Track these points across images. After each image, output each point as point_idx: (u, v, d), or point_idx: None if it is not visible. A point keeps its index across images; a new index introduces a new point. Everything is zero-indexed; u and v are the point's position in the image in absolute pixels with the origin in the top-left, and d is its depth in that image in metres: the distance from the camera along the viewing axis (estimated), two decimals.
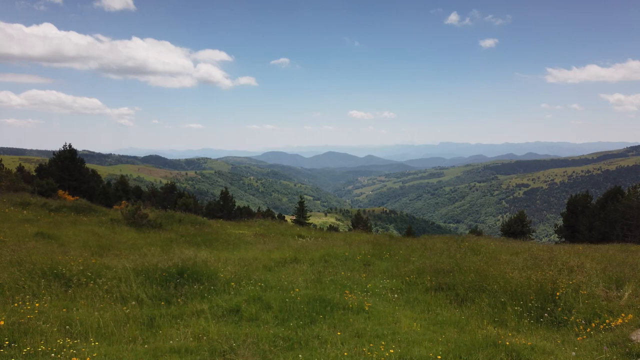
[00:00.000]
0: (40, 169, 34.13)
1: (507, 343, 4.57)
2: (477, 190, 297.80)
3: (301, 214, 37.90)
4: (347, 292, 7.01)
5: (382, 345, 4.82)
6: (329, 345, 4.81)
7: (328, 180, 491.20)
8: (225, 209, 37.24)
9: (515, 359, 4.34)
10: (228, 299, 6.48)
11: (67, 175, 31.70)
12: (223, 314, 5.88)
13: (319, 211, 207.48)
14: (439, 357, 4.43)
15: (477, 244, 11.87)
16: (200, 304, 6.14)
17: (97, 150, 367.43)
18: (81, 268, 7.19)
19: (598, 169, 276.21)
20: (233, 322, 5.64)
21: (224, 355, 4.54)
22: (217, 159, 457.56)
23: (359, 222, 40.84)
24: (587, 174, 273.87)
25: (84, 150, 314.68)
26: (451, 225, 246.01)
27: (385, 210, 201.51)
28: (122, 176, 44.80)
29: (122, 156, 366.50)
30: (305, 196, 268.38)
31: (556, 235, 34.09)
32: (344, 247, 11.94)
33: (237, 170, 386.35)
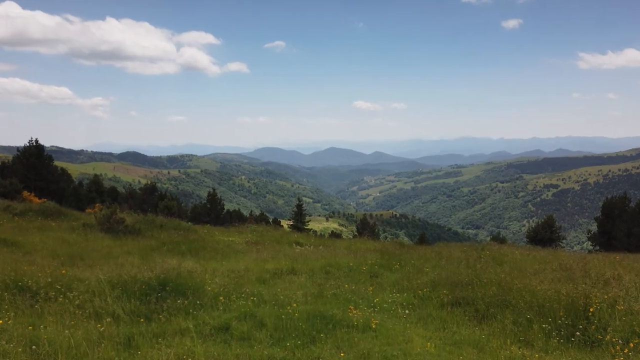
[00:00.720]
0: (2, 167, 34.22)
1: None
2: (499, 191, 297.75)
3: (299, 218, 37.91)
4: (352, 307, 7.01)
5: None
6: None
7: (330, 180, 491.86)
8: (213, 212, 37.26)
9: None
10: (216, 315, 6.48)
11: (33, 174, 31.76)
12: (211, 332, 5.88)
13: (319, 215, 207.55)
14: None
15: (499, 252, 11.87)
16: (184, 321, 6.14)
17: (67, 146, 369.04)
18: (49, 280, 7.19)
19: (638, 168, 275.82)
20: (222, 342, 5.63)
21: None
22: (203, 156, 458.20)
23: (365, 227, 40.85)
24: (625, 173, 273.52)
25: (53, 146, 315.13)
26: (470, 231, 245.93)
27: (395, 215, 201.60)
28: (95, 175, 44.85)
29: (96, 153, 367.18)
30: (303, 198, 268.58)
31: (589, 242, 34.07)
32: (348, 257, 11.93)
33: (226, 168, 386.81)
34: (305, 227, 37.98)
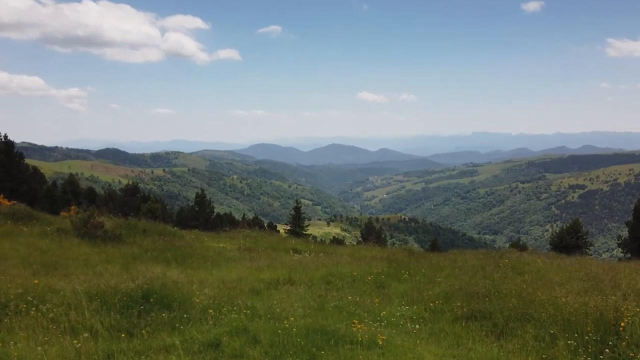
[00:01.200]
0: None
1: None
2: (519, 192, 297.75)
3: (297, 222, 37.93)
4: (356, 321, 7.00)
5: None
6: None
7: (331, 181, 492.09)
8: (201, 216, 37.30)
9: None
10: (205, 330, 6.48)
11: (1, 173, 31.79)
12: (199, 349, 5.87)
13: (319, 219, 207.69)
14: None
15: (520, 261, 11.86)
16: (170, 337, 6.14)
17: (40, 142, 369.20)
18: (20, 291, 7.19)
19: None
20: None
21: None
22: (191, 154, 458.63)
23: (371, 233, 40.86)
24: None
25: (24, 142, 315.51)
26: (487, 237, 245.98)
27: (404, 218, 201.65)
28: (71, 175, 44.86)
29: (72, 150, 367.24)
30: (302, 200, 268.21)
31: (620, 249, 34.02)
32: (352, 265, 11.93)
33: (216, 167, 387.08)
34: (304, 233, 37.99)
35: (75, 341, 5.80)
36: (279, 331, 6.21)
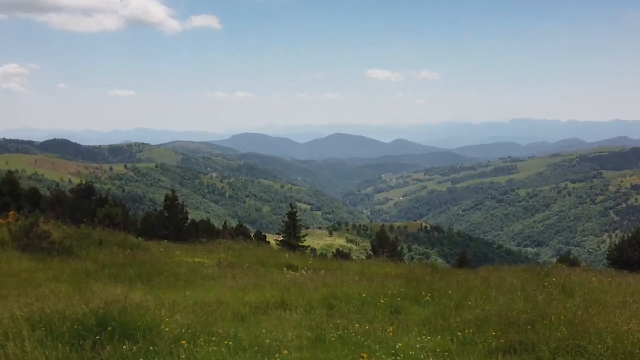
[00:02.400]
0: None
1: None
2: (569, 194, 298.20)
3: (292, 232, 37.93)
4: (365, 355, 6.98)
5: None
6: None
7: (334, 180, 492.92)
8: (172, 224, 37.28)
9: None
10: None
11: None
12: None
13: (320, 227, 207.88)
14: None
15: (570, 279, 11.84)
16: None
17: None
18: None
19: None
20: None
21: None
22: (159, 146, 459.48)
23: (384, 244, 40.87)
24: None
25: None
26: (529, 250, 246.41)
27: (425, 227, 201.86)
28: (10, 172, 44.89)
29: (10, 141, 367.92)
30: (298, 204, 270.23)
31: None
32: (360, 285, 11.92)
33: (191, 163, 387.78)
34: (301, 244, 37.96)
35: None
36: None
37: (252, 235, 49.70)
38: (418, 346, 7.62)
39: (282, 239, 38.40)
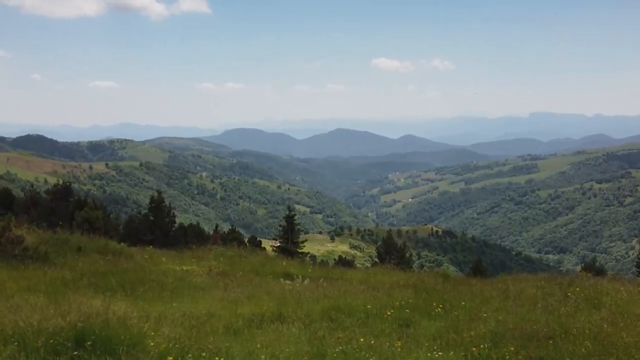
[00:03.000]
0: None
1: None
2: (595, 196, 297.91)
3: (290, 237, 37.93)
4: None
5: None
6: None
7: (336, 179, 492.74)
8: (158, 228, 37.26)
9: None
10: None
11: None
12: None
13: (320, 232, 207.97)
14: None
15: (595, 289, 11.83)
16: None
17: None
18: None
19: None
20: None
21: None
22: (144, 142, 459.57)
23: (391, 251, 40.87)
24: None
25: None
26: (550, 256, 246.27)
27: (436, 231, 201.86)
28: None
29: None
30: (296, 206, 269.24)
31: None
32: (365, 295, 11.92)
33: (178, 161, 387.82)
34: (300, 251, 37.96)
35: None
36: None
37: (246, 240, 49.64)
38: None
39: (278, 244, 38.40)
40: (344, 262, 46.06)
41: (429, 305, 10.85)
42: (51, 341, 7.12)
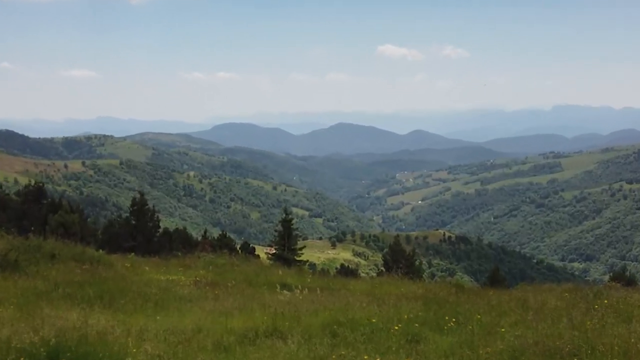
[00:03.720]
0: None
1: None
2: (625, 197, 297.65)
3: (287, 243, 37.95)
4: None
5: None
6: None
7: (338, 179, 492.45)
8: (140, 233, 37.27)
9: None
10: None
11: None
12: None
13: (320, 238, 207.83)
14: None
15: (625, 301, 11.80)
16: None
17: None
18: None
19: None
20: None
21: None
22: (125, 138, 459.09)
23: (399, 259, 40.88)
24: None
25: None
26: (575, 265, 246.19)
27: (449, 237, 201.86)
28: None
29: None
30: (294, 209, 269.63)
31: None
32: (370, 308, 11.92)
33: (163, 159, 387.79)
34: (297, 258, 37.99)
35: None
36: None
37: (238, 247, 49.69)
38: None
39: (274, 251, 38.42)
40: (347, 271, 46.15)
41: (441, 318, 10.85)
42: (22, 358, 7.12)
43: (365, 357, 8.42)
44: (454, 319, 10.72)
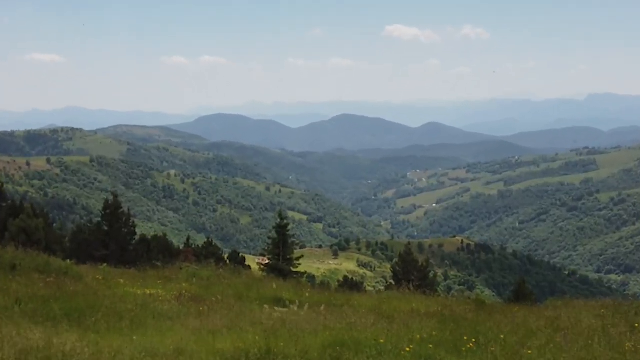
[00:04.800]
0: None
1: None
2: None
3: (282, 252, 37.92)
4: None
5: None
6: None
7: (341, 179, 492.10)
8: (114, 241, 37.28)
9: None
10: None
11: None
12: None
13: (320, 246, 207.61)
14: None
15: None
16: None
17: None
18: None
19: None
20: None
21: None
22: (96, 132, 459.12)
23: (410, 270, 40.86)
24: None
25: None
26: (613, 277, 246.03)
27: (467, 245, 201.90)
28: None
29: None
30: (290, 213, 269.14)
31: None
32: (377, 327, 11.92)
33: (140, 155, 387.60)
34: (294, 270, 37.96)
35: None
36: None
37: (226, 256, 49.69)
38: None
39: (267, 262, 38.40)
40: (351, 285, 46.02)
41: (458, 339, 10.85)
42: None
43: None
44: (473, 340, 10.73)
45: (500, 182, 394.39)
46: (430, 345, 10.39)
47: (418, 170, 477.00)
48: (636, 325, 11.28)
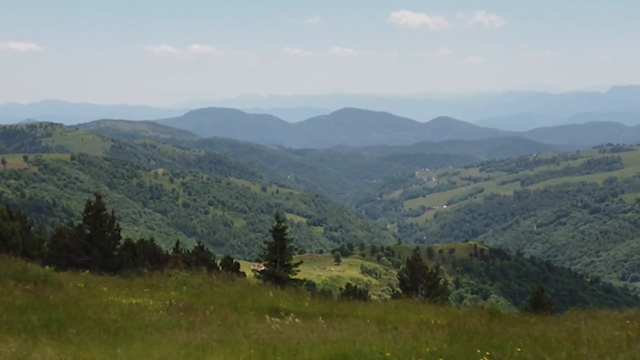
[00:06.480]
0: None
1: None
2: None
3: (279, 258, 37.94)
4: None
5: None
6: None
7: (343, 178, 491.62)
8: (96, 246, 37.30)
9: None
10: None
11: None
12: None
13: (321, 251, 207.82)
14: None
15: None
16: None
17: None
18: None
19: None
20: None
21: None
22: (77, 127, 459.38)
23: (418, 277, 40.84)
24: None
25: None
26: (638, 285, 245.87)
27: (481, 250, 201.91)
28: None
29: None
30: (288, 215, 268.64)
31: None
32: (382, 339, 11.92)
33: (125, 153, 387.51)
34: (293, 277, 37.97)
35: None
36: None
37: (218, 263, 49.71)
38: None
39: (263, 268, 38.41)
40: (354, 293, 46.03)
41: (471, 352, 10.85)
42: None
43: None
44: (487, 353, 10.72)
45: (516, 182, 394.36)
46: (441, 359, 10.40)
47: (427, 169, 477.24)
48: None
